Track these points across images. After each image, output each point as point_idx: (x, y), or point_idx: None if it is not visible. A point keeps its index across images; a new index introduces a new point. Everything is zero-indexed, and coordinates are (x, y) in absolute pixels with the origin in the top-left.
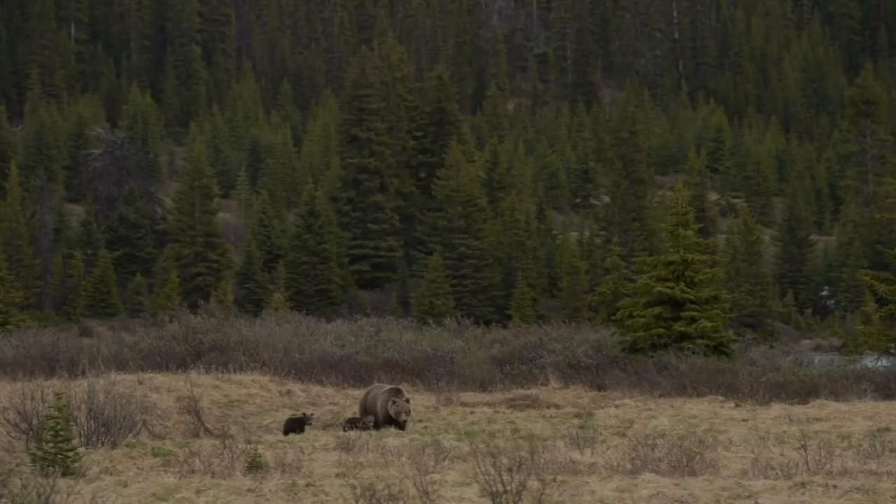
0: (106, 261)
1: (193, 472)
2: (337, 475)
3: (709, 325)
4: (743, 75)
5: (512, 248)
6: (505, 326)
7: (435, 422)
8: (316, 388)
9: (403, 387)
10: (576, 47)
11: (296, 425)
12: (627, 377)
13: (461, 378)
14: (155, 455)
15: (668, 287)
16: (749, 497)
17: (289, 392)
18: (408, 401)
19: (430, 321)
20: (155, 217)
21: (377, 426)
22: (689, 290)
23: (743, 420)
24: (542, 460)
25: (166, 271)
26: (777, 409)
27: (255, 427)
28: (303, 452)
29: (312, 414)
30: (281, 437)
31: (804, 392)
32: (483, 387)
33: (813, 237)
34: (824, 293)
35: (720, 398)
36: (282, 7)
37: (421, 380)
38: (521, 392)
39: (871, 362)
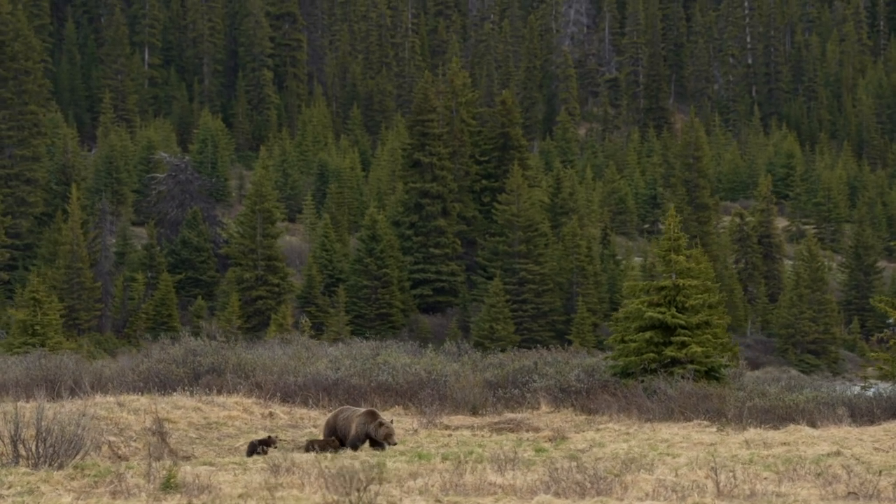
0: (167, 284)
1: (116, 493)
2: (240, 496)
3: (699, 350)
4: (817, 101)
5: (573, 273)
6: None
7: (407, 444)
8: (301, 411)
9: (396, 410)
10: (648, 72)
11: (259, 446)
12: (617, 401)
13: (453, 402)
14: (94, 476)
15: (659, 312)
16: None
17: (271, 415)
18: (391, 422)
19: (490, 346)
20: (217, 241)
21: (336, 448)
22: (680, 315)
23: (711, 444)
24: (460, 482)
25: (227, 294)
26: (751, 433)
27: (226, 449)
28: (234, 474)
29: (277, 436)
30: (241, 458)
31: (789, 417)
32: (474, 410)
33: (881, 264)
34: (891, 320)
35: (706, 423)
36: (354, 32)
37: (413, 403)
38: (508, 416)
39: (886, 389)
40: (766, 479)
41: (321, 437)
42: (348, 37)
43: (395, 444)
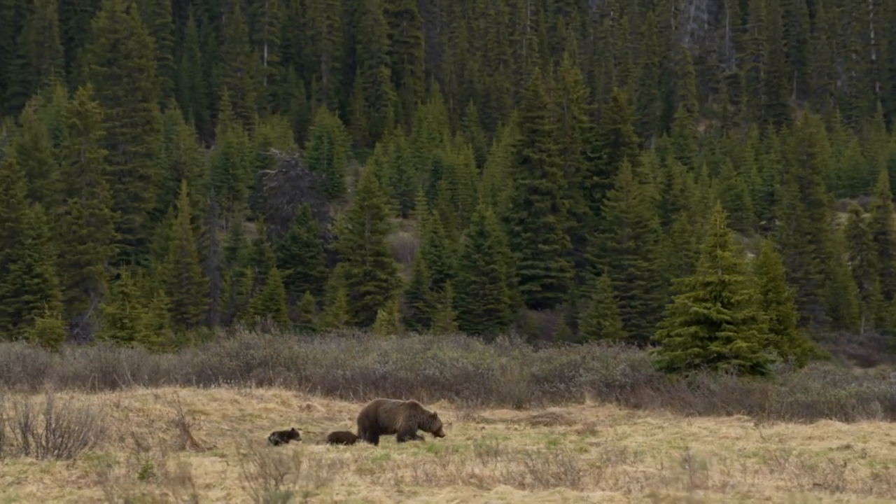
0: (276, 279)
1: (94, 483)
2: (207, 485)
3: (745, 345)
4: None
5: (682, 269)
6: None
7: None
8: (340, 404)
9: (442, 403)
10: (769, 69)
11: (280, 439)
12: (660, 396)
13: (498, 396)
14: (89, 467)
15: (704, 307)
16: None
17: (309, 407)
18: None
19: (598, 342)
20: (327, 236)
21: (351, 441)
22: (725, 310)
23: (736, 438)
24: (440, 472)
25: (335, 290)
26: (780, 428)
27: (253, 441)
28: (228, 465)
29: (301, 429)
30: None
31: (823, 413)
32: (519, 404)
33: None
34: None
35: (746, 417)
36: (472, 29)
37: (460, 397)
38: (550, 410)
39: None
40: (753, 471)
41: (353, 430)
42: (466, 34)
43: (443, 436)
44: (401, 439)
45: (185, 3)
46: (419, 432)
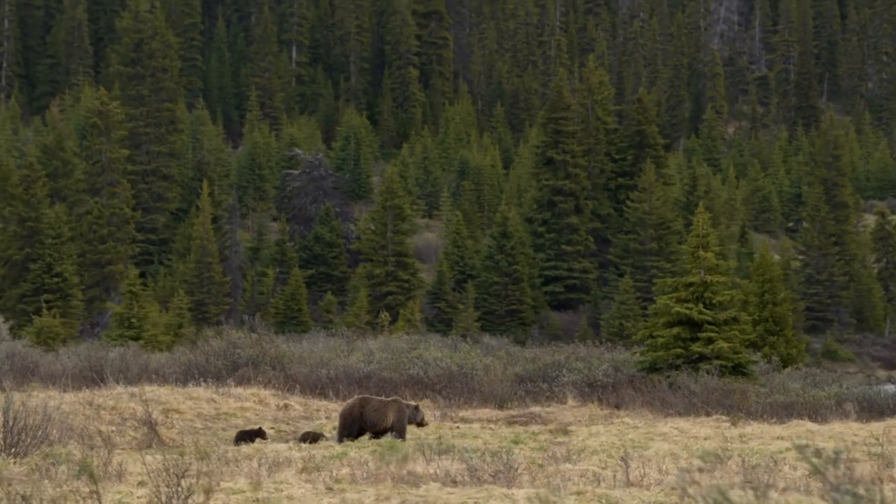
0: (298, 278)
1: (7, 479)
2: (139, 483)
3: (726, 346)
4: None
5: None
6: None
7: (407, 435)
8: (317, 403)
9: (425, 403)
10: (799, 70)
11: (246, 437)
12: (641, 396)
13: (482, 395)
14: (37, 465)
15: (686, 308)
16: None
17: (286, 406)
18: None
19: (620, 343)
20: (350, 236)
21: (314, 440)
22: (707, 311)
23: (705, 438)
24: (380, 471)
25: (357, 290)
26: (753, 428)
27: (223, 439)
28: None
29: (272, 428)
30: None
31: (798, 413)
32: (501, 404)
33: None
34: None
35: (724, 418)
36: (501, 30)
37: (443, 396)
38: (531, 410)
39: None
40: (696, 470)
41: (328, 428)
42: (495, 35)
43: (426, 424)
44: (402, 436)
45: (214, 3)
46: None
